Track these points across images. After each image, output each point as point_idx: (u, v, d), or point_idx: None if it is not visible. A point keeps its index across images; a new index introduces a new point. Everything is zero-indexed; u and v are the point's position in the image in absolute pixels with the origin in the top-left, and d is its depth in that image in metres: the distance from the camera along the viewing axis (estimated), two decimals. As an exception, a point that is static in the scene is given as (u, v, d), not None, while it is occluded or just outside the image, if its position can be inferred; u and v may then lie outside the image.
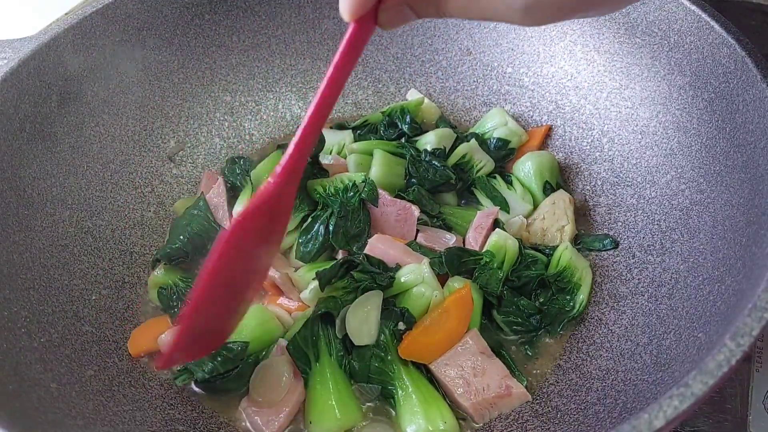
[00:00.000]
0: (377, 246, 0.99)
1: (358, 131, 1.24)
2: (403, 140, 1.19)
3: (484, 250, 0.99)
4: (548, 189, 1.11)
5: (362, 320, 0.89)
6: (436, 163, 1.10)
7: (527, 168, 1.13)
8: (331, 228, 1.01)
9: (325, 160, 1.13)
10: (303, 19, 1.32)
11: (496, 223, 1.04)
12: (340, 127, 1.26)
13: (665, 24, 1.00)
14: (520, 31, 1.22)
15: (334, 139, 1.22)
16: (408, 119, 1.21)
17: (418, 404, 0.86)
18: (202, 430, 0.90)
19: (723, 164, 0.89)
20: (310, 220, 1.05)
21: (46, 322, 0.92)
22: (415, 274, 0.93)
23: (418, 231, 1.04)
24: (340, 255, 1.03)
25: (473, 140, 1.16)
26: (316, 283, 0.94)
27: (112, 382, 0.92)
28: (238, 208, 1.07)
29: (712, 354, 0.60)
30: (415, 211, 1.03)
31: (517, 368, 0.92)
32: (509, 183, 1.13)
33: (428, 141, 1.16)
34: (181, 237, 1.06)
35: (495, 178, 1.14)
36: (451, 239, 1.04)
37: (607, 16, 1.10)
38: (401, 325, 0.91)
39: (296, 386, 0.89)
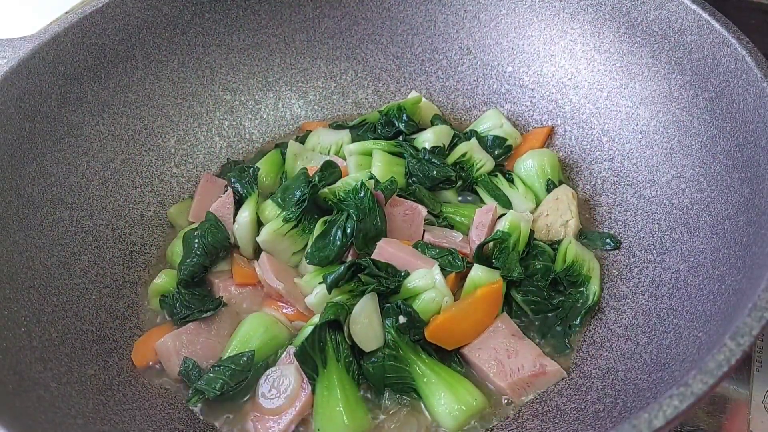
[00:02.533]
0: (386, 249, 0.96)
1: (357, 131, 1.23)
2: (400, 138, 1.19)
3: (498, 230, 0.98)
4: (551, 186, 1.11)
5: (365, 327, 0.89)
6: (436, 161, 1.10)
7: (529, 165, 1.13)
8: (348, 231, 0.98)
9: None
10: (303, 17, 1.32)
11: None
12: (338, 126, 1.26)
13: (665, 23, 1.00)
14: (520, 30, 1.22)
15: (332, 138, 1.21)
16: (405, 117, 1.20)
17: (443, 388, 0.87)
18: (202, 430, 0.91)
19: (723, 163, 0.89)
20: (326, 225, 1.01)
21: (46, 321, 0.92)
22: (425, 280, 0.92)
23: (424, 231, 1.03)
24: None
25: (473, 139, 1.16)
26: (321, 287, 0.93)
27: (112, 381, 0.92)
28: (244, 213, 1.06)
29: (712, 353, 0.60)
30: (423, 211, 1.02)
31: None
32: (510, 181, 1.12)
33: (426, 139, 1.16)
34: (198, 252, 1.04)
35: (496, 176, 1.13)
36: (458, 237, 1.02)
37: (607, 15, 1.10)
38: (401, 319, 0.90)
39: (301, 393, 0.89)
